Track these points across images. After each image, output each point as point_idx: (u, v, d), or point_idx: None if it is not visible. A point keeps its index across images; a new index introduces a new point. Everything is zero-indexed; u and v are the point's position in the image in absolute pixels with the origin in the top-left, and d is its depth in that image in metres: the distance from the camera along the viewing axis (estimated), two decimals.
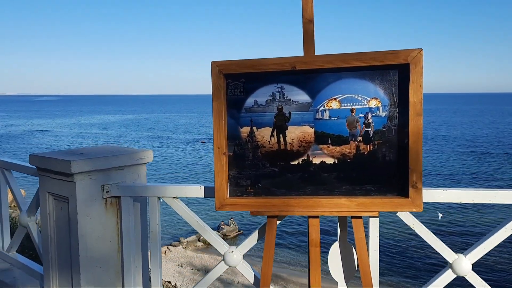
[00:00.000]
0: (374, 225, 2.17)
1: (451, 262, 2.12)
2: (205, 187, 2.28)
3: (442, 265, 2.19)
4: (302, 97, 2.09)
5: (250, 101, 2.14)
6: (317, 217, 2.12)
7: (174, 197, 2.32)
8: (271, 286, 2.15)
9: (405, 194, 2.02)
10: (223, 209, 2.15)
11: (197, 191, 2.29)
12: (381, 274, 2.17)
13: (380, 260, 2.22)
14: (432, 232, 2.17)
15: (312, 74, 2.07)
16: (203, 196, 2.28)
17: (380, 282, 2.22)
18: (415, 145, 1.97)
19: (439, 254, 2.15)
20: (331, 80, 2.06)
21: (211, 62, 2.14)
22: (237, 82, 2.15)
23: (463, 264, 2.10)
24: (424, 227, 2.13)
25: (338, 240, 2.23)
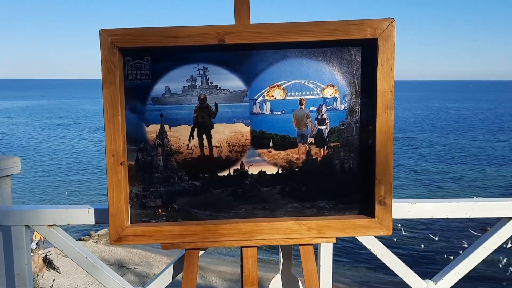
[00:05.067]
0: (327, 251, 1.67)
1: None
2: (96, 210, 1.61)
3: None
4: (233, 83, 1.50)
5: (159, 88, 1.50)
6: (254, 246, 1.56)
7: (51, 225, 1.62)
8: None
9: (370, 213, 1.53)
10: (122, 242, 1.50)
11: (84, 215, 1.61)
12: None
13: None
14: (396, 253, 1.73)
15: (248, 51, 1.49)
16: (93, 222, 1.61)
17: None
18: (383, 148, 1.49)
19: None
20: (273, 60, 1.50)
21: (100, 30, 1.46)
22: (140, 60, 1.50)
23: None
24: (388, 251, 1.67)
25: (280, 271, 1.70)
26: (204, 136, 1.51)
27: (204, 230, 1.50)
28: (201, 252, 1.61)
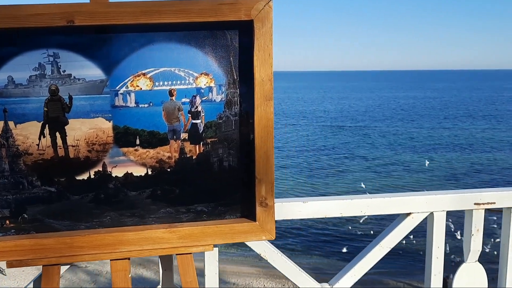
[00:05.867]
0: (212, 259, 1.50)
1: None
2: None
3: None
4: (90, 71, 1.30)
5: (0, 78, 1.27)
6: (124, 258, 1.37)
7: None
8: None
9: (252, 216, 1.38)
10: None
11: None
12: None
13: None
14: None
15: (106, 34, 1.29)
16: None
17: None
18: (263, 144, 1.33)
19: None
20: (138, 44, 1.30)
21: None
22: None
23: None
24: (280, 255, 1.53)
25: (160, 284, 1.53)
26: (58, 134, 1.30)
27: (59, 244, 1.30)
28: (65, 268, 1.41)
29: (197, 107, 1.35)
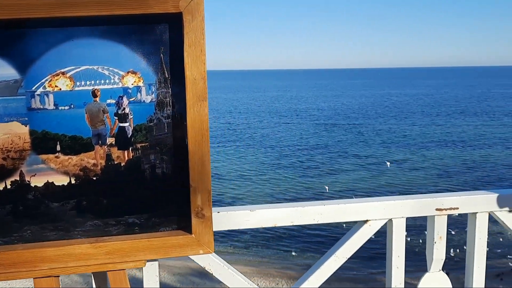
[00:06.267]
0: (151, 273, 1.38)
1: None
2: None
3: None
4: (2, 70, 1.17)
5: None
6: (53, 275, 1.24)
7: None
8: None
9: (188, 228, 1.26)
10: None
11: None
12: None
13: None
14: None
15: (18, 30, 1.16)
16: None
17: None
18: (197, 149, 1.21)
19: None
20: (56, 40, 1.18)
21: None
22: None
23: None
24: (227, 267, 1.41)
25: None
26: None
27: None
28: None
29: (124, 108, 1.22)
